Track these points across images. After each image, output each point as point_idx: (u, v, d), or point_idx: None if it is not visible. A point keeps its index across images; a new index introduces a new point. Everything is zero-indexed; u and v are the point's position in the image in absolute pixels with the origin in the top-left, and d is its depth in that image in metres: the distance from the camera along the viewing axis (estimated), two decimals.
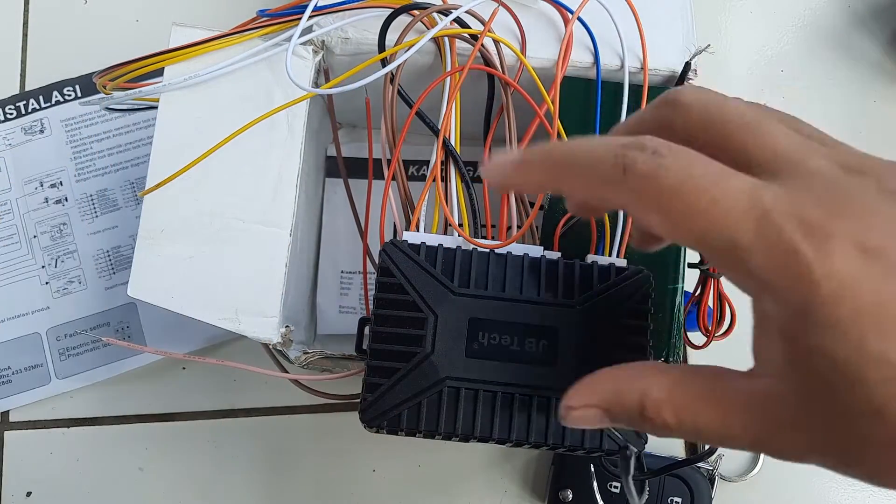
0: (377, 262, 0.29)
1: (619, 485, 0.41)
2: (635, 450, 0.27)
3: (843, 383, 0.16)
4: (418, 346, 0.27)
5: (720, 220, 0.17)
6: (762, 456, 0.44)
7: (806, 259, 0.16)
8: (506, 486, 0.44)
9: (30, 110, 0.49)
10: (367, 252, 0.38)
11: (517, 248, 0.30)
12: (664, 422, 0.19)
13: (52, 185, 0.47)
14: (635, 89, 0.35)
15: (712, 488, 0.42)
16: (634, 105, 0.35)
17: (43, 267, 0.46)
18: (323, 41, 0.35)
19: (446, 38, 0.34)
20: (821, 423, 0.17)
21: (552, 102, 0.33)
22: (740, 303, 0.40)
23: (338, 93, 0.31)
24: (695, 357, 0.46)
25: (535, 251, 0.30)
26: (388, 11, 0.33)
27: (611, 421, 0.21)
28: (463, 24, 0.34)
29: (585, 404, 0.21)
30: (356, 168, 0.44)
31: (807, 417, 0.17)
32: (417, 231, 0.32)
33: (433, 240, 0.29)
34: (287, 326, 0.33)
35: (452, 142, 0.33)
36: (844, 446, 0.17)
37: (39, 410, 0.45)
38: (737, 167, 0.18)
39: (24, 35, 0.50)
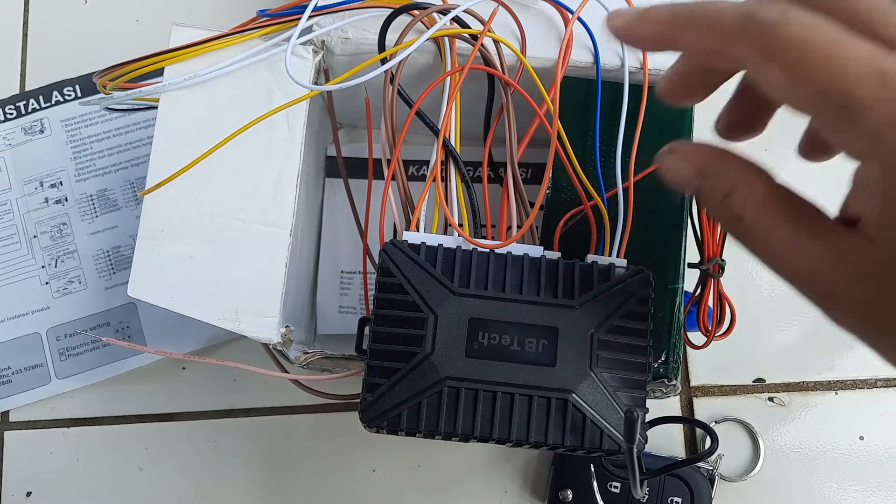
0: (377, 262, 0.29)
1: (619, 485, 0.41)
2: (640, 414, 0.26)
3: None
4: (418, 346, 0.27)
5: (840, 73, 0.17)
6: (762, 456, 0.44)
7: None
8: (506, 486, 0.44)
9: (30, 110, 0.49)
10: (367, 252, 0.38)
11: (517, 248, 0.30)
12: (739, 215, 0.20)
13: (52, 185, 0.47)
14: (635, 89, 0.35)
15: (712, 488, 0.42)
16: (634, 105, 0.35)
17: (43, 267, 0.46)
18: (323, 41, 0.35)
19: (446, 38, 0.34)
20: (888, 290, 0.17)
21: (552, 102, 0.33)
22: (740, 303, 0.40)
23: (337, 90, 0.31)
24: (695, 357, 0.46)
25: (535, 251, 0.30)
26: (388, 11, 0.33)
27: (694, 188, 0.21)
28: (463, 24, 0.34)
29: (687, 157, 0.21)
30: (356, 168, 0.44)
31: (877, 281, 0.17)
32: (417, 231, 0.32)
33: (433, 240, 0.29)
34: (287, 326, 0.33)
35: (452, 142, 0.33)
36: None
37: (39, 410, 0.45)
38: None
39: (24, 35, 0.50)
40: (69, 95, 0.49)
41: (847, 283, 0.18)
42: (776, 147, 0.28)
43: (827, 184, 0.22)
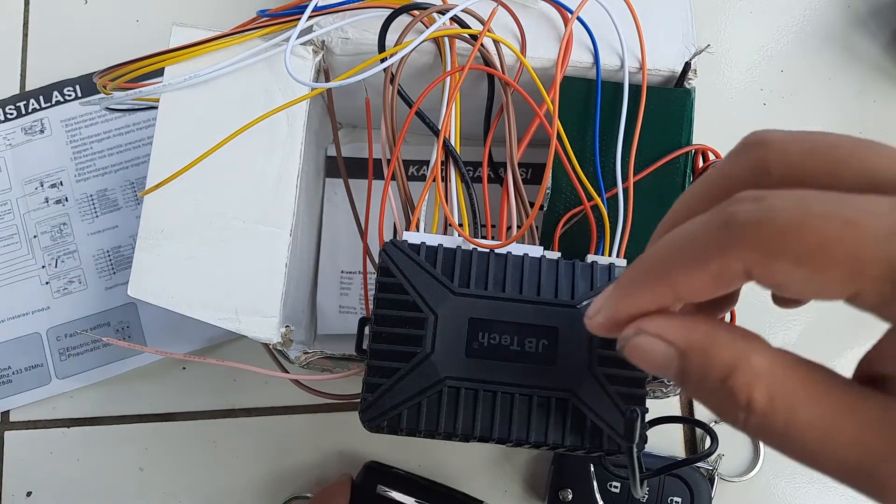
0: (377, 262, 0.29)
1: (619, 485, 0.41)
2: (640, 413, 0.26)
3: None
4: (418, 346, 0.27)
5: (867, 240, 0.14)
6: (762, 456, 0.44)
7: None
8: (506, 486, 0.44)
9: (30, 110, 0.49)
10: (367, 252, 0.38)
11: (517, 248, 0.30)
12: (749, 399, 0.15)
13: (53, 185, 0.47)
14: (635, 89, 0.35)
15: (712, 488, 0.42)
16: (634, 105, 0.35)
17: (43, 267, 0.46)
18: (323, 41, 0.35)
19: (446, 39, 0.34)
20: None
21: (552, 102, 0.33)
22: (740, 303, 0.40)
23: (337, 87, 0.31)
24: None
25: (535, 251, 0.30)
26: (388, 11, 0.33)
27: (678, 368, 0.17)
28: (463, 24, 0.34)
29: (663, 336, 0.17)
30: (356, 168, 0.44)
31: None
32: (417, 231, 0.32)
33: (433, 240, 0.29)
34: (287, 326, 0.33)
35: (452, 142, 0.33)
36: None
37: (39, 410, 0.45)
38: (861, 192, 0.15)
39: (24, 35, 0.50)
40: (69, 95, 0.49)
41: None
42: None
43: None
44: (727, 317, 0.39)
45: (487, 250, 0.29)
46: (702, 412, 0.45)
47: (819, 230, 0.14)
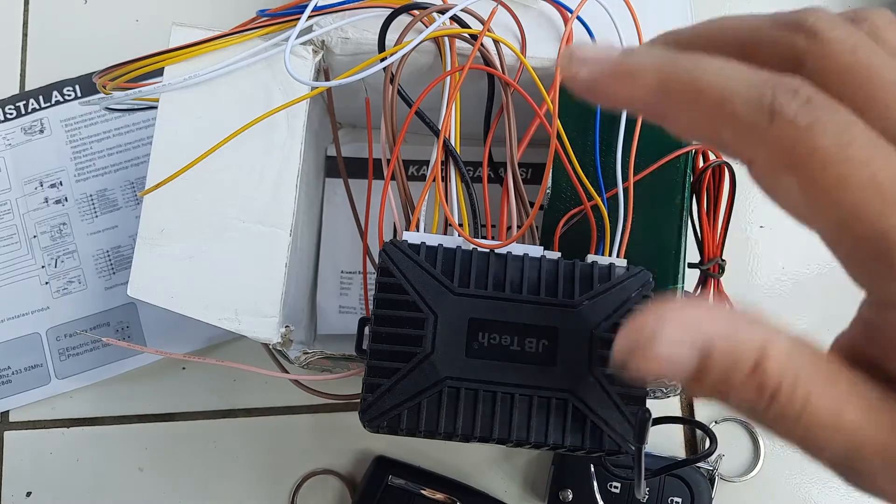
0: (377, 262, 0.29)
1: (619, 485, 0.41)
2: (651, 413, 0.26)
3: None
4: (418, 346, 0.27)
5: (876, 202, 0.14)
6: (762, 456, 0.44)
7: None
8: (506, 486, 0.44)
9: (30, 110, 0.49)
10: (367, 252, 0.38)
11: (517, 248, 0.30)
12: (778, 387, 0.14)
13: (52, 185, 0.47)
14: None
15: (712, 488, 0.42)
16: None
17: (43, 267, 0.46)
18: (323, 41, 0.35)
19: (446, 38, 0.34)
20: None
21: (552, 102, 0.33)
22: (741, 303, 0.40)
23: (336, 85, 0.31)
24: None
25: (535, 251, 0.30)
26: (388, 11, 0.33)
27: (698, 374, 0.15)
28: (463, 24, 0.34)
29: (683, 339, 0.15)
30: (356, 168, 0.44)
31: None
32: (417, 231, 0.32)
33: (433, 240, 0.29)
34: (287, 326, 0.33)
35: (452, 142, 0.33)
36: None
37: (39, 410, 0.45)
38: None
39: (24, 35, 0.50)
40: (69, 95, 0.49)
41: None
42: None
43: None
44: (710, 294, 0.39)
45: (487, 250, 0.29)
46: (701, 413, 0.45)
47: (846, 172, 0.14)
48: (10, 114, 0.49)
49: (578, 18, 0.35)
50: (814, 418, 0.14)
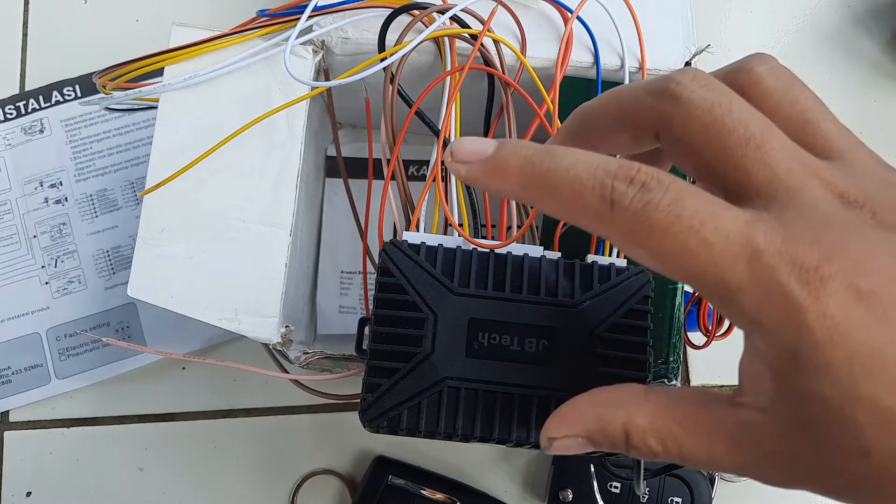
0: (377, 262, 0.29)
1: (619, 485, 0.41)
2: None
3: (834, 424, 0.16)
4: (418, 346, 0.27)
5: (711, 260, 0.17)
6: None
7: (799, 303, 0.16)
8: (506, 486, 0.44)
9: (30, 110, 0.49)
10: (367, 252, 0.38)
11: (517, 248, 0.30)
12: (650, 449, 0.19)
13: (52, 185, 0.47)
14: None
15: (712, 488, 0.42)
16: None
17: (43, 267, 0.46)
18: (323, 41, 0.35)
19: (446, 38, 0.34)
20: (810, 458, 0.17)
21: (552, 102, 0.33)
22: None
23: (336, 86, 0.31)
24: (695, 357, 0.46)
25: (535, 251, 0.30)
26: (388, 11, 0.33)
27: (594, 447, 0.21)
28: (463, 24, 0.34)
29: (567, 434, 0.21)
30: (356, 168, 0.44)
31: (795, 451, 0.17)
32: (417, 231, 0.32)
33: (433, 240, 0.29)
34: (287, 326, 0.33)
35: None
36: (833, 481, 0.17)
37: (39, 410, 0.45)
38: (733, 190, 0.18)
39: (24, 35, 0.50)
40: (69, 95, 0.49)
41: (775, 463, 0.18)
42: None
43: None
44: (726, 322, 0.39)
45: (487, 250, 0.29)
46: None
47: (681, 240, 0.17)
48: (10, 114, 0.49)
49: (578, 18, 0.35)
50: (693, 458, 0.19)
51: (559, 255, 0.30)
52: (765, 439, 0.18)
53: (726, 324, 0.39)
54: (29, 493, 0.44)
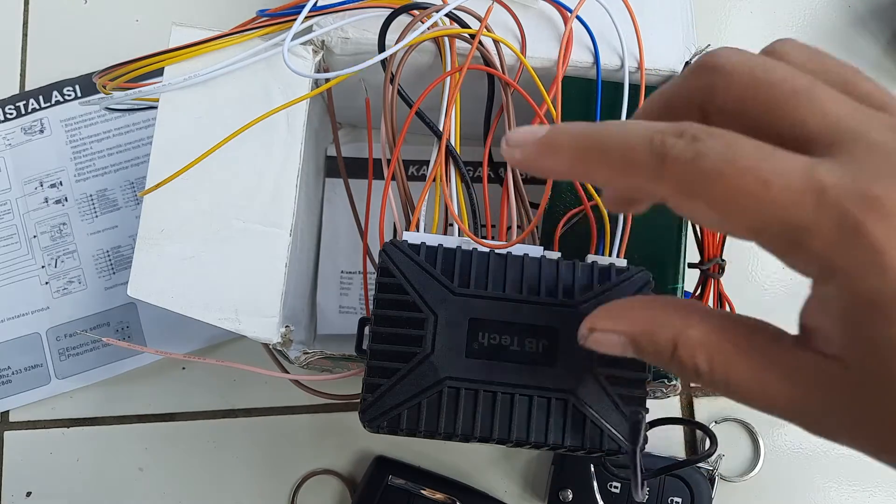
0: (377, 262, 0.29)
1: (619, 485, 0.41)
2: (644, 415, 0.26)
3: None
4: (418, 347, 0.27)
5: (774, 201, 0.15)
6: (762, 456, 0.44)
7: (875, 240, 0.15)
8: (506, 486, 0.44)
9: (30, 110, 0.49)
10: (367, 252, 0.38)
11: (517, 249, 0.30)
12: (695, 366, 0.18)
13: (52, 185, 0.47)
14: (635, 89, 0.35)
15: (712, 488, 0.42)
16: (634, 105, 0.35)
17: (43, 267, 0.46)
18: (323, 41, 0.35)
19: (446, 38, 0.34)
20: (874, 411, 0.16)
21: (552, 103, 0.33)
22: (740, 303, 0.40)
23: (333, 76, 0.31)
24: None
25: (535, 251, 0.30)
26: (388, 11, 0.33)
27: (634, 352, 0.19)
28: (462, 24, 0.34)
29: (613, 329, 0.20)
30: (356, 168, 0.44)
31: (859, 402, 0.16)
32: (417, 231, 0.32)
33: (433, 240, 0.29)
34: (287, 326, 0.33)
35: (452, 142, 0.33)
36: (891, 438, 0.16)
37: (39, 410, 0.45)
38: (788, 143, 0.17)
39: (24, 35, 0.50)
40: (69, 95, 0.49)
41: (832, 410, 0.17)
42: None
43: None
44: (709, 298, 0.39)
45: (488, 250, 0.29)
46: (701, 413, 0.45)
47: (737, 183, 0.16)
48: (10, 114, 0.49)
49: (578, 18, 0.35)
50: (740, 387, 0.18)
51: (559, 255, 0.30)
52: (829, 385, 0.17)
53: None
54: (29, 493, 0.44)
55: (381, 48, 0.33)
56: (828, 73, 0.18)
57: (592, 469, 0.41)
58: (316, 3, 0.33)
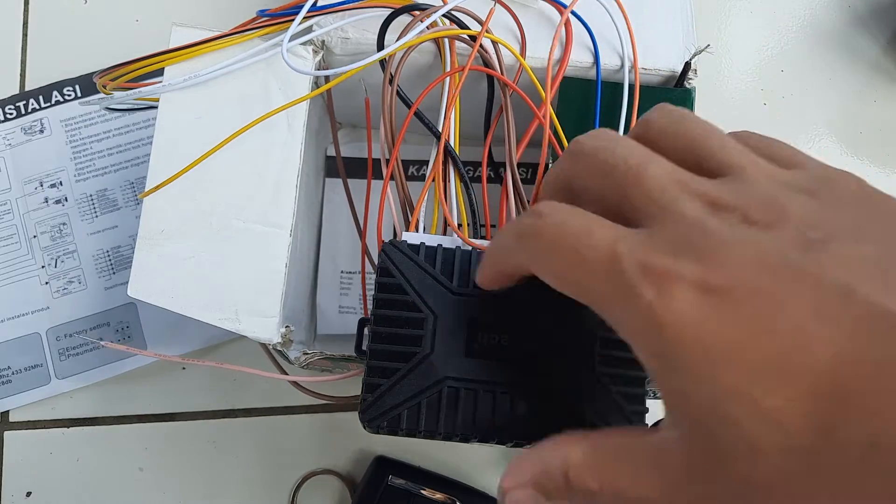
0: (376, 262, 0.29)
1: None
2: (647, 415, 0.27)
3: (714, 425, 0.16)
4: (418, 347, 0.27)
5: (587, 272, 0.18)
6: None
7: (647, 303, 0.16)
8: None
9: (30, 110, 0.49)
10: (366, 252, 0.38)
11: None
12: (587, 488, 0.19)
13: (52, 185, 0.47)
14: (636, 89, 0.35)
15: None
16: (633, 105, 0.35)
17: (43, 267, 0.46)
18: (323, 41, 0.35)
19: (446, 39, 0.34)
20: (709, 470, 0.16)
21: (550, 104, 0.33)
22: None
23: (333, 73, 0.31)
24: None
25: None
26: (389, 11, 0.33)
27: (546, 499, 0.20)
28: (462, 25, 0.34)
29: (518, 484, 0.21)
30: (356, 168, 0.44)
31: (695, 466, 0.17)
32: (417, 231, 0.32)
33: (432, 240, 0.29)
34: (287, 326, 0.33)
35: (452, 142, 0.33)
36: (734, 493, 0.16)
37: (39, 410, 0.45)
38: (620, 217, 0.18)
39: (24, 35, 0.50)
40: (69, 95, 0.49)
41: (679, 490, 0.17)
42: None
43: None
44: None
45: None
46: None
47: (564, 253, 0.18)
48: (10, 114, 0.49)
49: (579, 18, 0.35)
50: (627, 493, 0.18)
51: None
52: (670, 458, 0.17)
53: None
54: (29, 493, 0.44)
55: (381, 48, 0.33)
56: (677, 140, 0.20)
57: None
58: (315, 3, 0.33)
